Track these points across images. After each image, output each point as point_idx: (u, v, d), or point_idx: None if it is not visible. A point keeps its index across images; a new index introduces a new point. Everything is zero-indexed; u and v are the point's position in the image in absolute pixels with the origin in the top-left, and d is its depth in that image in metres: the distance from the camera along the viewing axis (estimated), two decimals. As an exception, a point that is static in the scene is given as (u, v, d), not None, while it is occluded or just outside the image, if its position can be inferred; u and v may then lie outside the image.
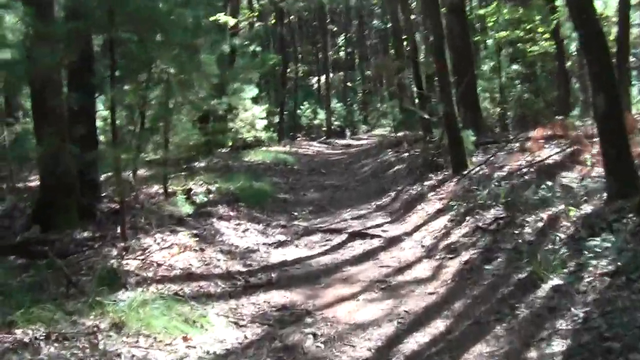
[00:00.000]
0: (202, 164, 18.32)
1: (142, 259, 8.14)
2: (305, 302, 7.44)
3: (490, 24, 23.21)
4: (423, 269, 8.33)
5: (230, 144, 23.02)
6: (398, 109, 29.16)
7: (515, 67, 22.97)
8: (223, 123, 21.95)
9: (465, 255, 8.27)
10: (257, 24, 40.88)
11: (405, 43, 28.33)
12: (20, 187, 12.99)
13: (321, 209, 13.08)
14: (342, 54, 50.23)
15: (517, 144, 14.40)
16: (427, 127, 20.30)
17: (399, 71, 22.72)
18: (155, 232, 9.43)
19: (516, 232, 8.31)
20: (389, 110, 31.28)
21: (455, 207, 10.32)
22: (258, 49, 43.11)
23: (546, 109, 21.39)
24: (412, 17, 23.44)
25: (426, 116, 13.29)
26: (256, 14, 34.66)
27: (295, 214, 12.48)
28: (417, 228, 10.34)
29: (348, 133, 36.58)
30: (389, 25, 55.09)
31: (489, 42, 23.31)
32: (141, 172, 15.61)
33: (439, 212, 10.68)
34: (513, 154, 13.38)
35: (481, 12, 24.13)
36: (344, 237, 10.49)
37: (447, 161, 13.42)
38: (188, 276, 7.99)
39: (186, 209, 9.05)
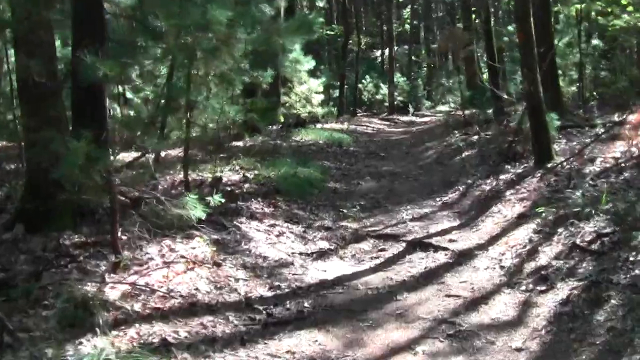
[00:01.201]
0: (247, 144, 16.29)
1: (132, 282, 6.10)
2: (343, 354, 5.32)
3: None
4: (504, 305, 6.11)
5: (282, 120, 20.96)
6: (465, 85, 26.80)
7: (595, 42, 20.23)
8: (270, 98, 19.89)
9: (562, 289, 6.03)
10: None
11: (474, 16, 26.15)
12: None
13: (376, 203, 10.88)
14: (407, 26, 47.55)
15: (604, 130, 12.11)
16: (500, 108, 17.90)
17: (468, 43, 20.18)
18: (163, 239, 7.44)
19: (631, 257, 6.05)
20: (456, 87, 28.76)
21: (543, 213, 8.03)
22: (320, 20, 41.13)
23: (631, 89, 18.71)
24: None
25: (504, 95, 10.88)
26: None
27: (345, 210, 10.29)
28: (493, 239, 8.07)
29: (411, 109, 34.10)
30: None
31: (563, 14, 20.54)
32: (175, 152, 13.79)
33: (521, 219, 8.40)
34: (605, 142, 11.01)
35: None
36: (401, 246, 8.31)
37: (527, 150, 11.09)
38: (190, 308, 5.92)
39: (197, 212, 6.99)
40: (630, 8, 18.95)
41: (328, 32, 35.61)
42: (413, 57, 44.53)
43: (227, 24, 7.70)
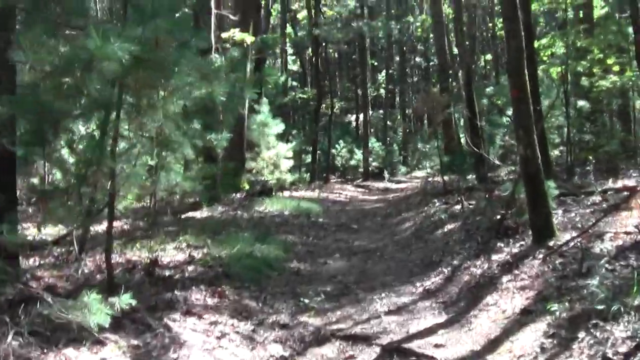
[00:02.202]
0: (203, 215, 14.43)
1: None
2: None
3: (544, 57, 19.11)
4: None
5: (246, 188, 19.16)
6: (443, 150, 25.28)
7: (581, 103, 18.78)
8: (234, 164, 18.13)
9: None
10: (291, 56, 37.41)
11: (450, 79, 24.89)
12: None
13: (345, 290, 8.99)
14: (382, 91, 46.39)
15: (600, 198, 10.52)
16: (484, 174, 16.27)
17: (446, 106, 18.64)
18: (65, 347, 5.52)
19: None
20: (433, 151, 27.30)
21: (554, 309, 6.21)
22: (294, 83, 39.66)
23: (620, 152, 17.21)
24: (466, 43, 19.40)
25: (495, 161, 9.06)
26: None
27: (306, 300, 8.36)
28: (492, 345, 6.17)
29: (386, 175, 32.49)
30: (432, 62, 52.11)
31: (544, 75, 19.08)
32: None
33: (525, 316, 6.56)
34: (608, 213, 9.31)
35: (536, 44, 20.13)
36: (374, 352, 6.41)
37: (522, 224, 9.34)
38: None
39: (99, 317, 5.09)
40: (616, 68, 17.62)
41: (300, 95, 34.21)
42: (388, 122, 43.23)
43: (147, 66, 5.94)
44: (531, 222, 8.68)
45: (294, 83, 36.86)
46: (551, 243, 8.31)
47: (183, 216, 14.22)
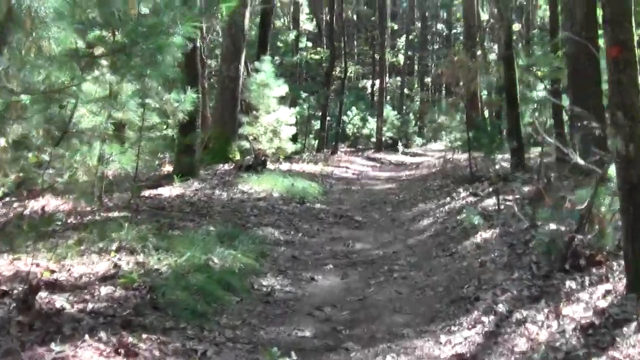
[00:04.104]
0: (170, 194, 11.27)
1: None
2: None
3: None
4: None
5: (237, 157, 15.97)
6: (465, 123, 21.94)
7: None
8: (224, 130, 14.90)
9: None
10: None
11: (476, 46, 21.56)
12: None
13: (331, 338, 5.75)
14: (400, 57, 42.72)
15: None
16: (520, 159, 13.01)
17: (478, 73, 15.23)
18: None
19: None
20: (454, 125, 23.85)
21: None
22: (308, 44, 35.94)
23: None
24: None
25: (579, 160, 5.70)
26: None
27: (267, 362, 5.18)
28: None
29: (401, 147, 29.16)
30: (454, 31, 48.34)
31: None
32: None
33: None
34: None
35: None
36: None
37: (606, 255, 6.12)
38: None
39: None
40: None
41: (312, 55, 30.72)
42: (405, 90, 39.73)
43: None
44: (627, 257, 5.41)
45: (309, 44, 33.24)
46: (657, 293, 5.10)
47: (146, 193, 11.05)
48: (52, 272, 6.09)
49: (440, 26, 49.83)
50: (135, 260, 6.77)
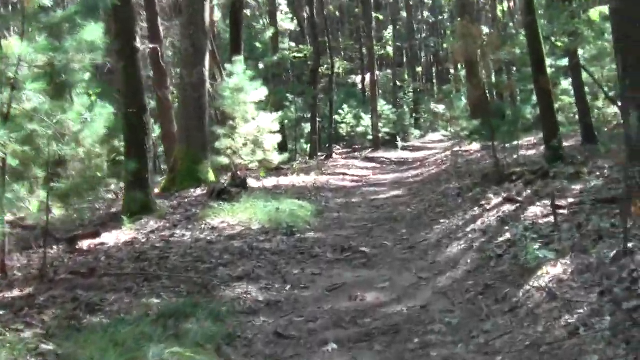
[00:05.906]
0: (107, 242, 8.38)
1: None
2: None
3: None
4: None
5: (211, 180, 13.09)
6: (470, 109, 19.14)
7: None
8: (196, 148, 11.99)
9: None
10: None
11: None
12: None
13: None
14: (389, 49, 39.83)
15: None
16: (557, 150, 10.21)
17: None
18: None
19: None
20: (460, 112, 20.97)
21: None
22: (291, 44, 32.93)
23: None
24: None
25: None
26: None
27: None
28: None
29: (399, 143, 26.29)
30: (440, 17, 45.61)
31: None
32: None
33: None
34: None
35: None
36: None
37: None
38: None
39: None
40: None
41: (296, 54, 27.78)
42: (397, 82, 36.90)
43: None
44: None
45: (292, 44, 30.28)
46: None
47: (85, 244, 8.16)
48: None
49: (426, 13, 47.21)
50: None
